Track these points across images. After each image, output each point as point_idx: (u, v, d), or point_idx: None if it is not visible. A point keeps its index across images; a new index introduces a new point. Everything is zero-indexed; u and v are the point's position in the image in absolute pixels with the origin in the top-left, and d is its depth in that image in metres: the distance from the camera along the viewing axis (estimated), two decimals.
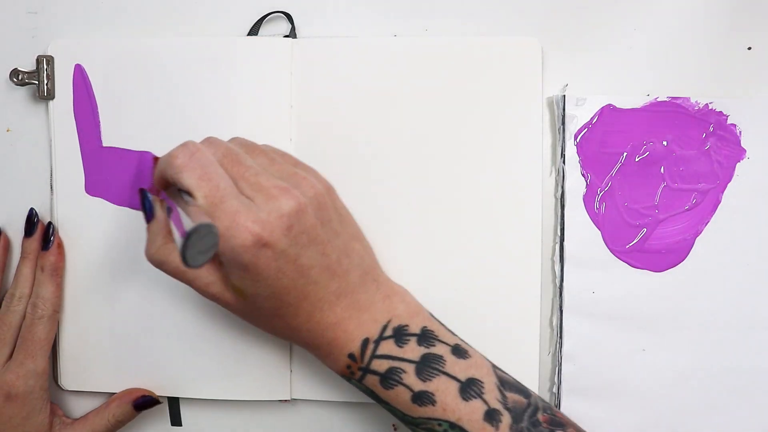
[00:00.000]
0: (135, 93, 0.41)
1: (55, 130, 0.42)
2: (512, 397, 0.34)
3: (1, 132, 0.43)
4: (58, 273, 0.41)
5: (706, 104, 0.40)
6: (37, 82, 0.41)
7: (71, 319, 0.42)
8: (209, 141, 0.34)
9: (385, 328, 0.34)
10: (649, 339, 0.41)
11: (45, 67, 0.41)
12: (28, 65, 0.42)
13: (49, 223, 0.42)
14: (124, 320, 0.42)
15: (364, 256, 0.36)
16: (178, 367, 0.42)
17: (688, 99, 0.40)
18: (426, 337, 0.35)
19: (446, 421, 0.33)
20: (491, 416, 0.33)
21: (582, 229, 0.41)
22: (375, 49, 0.41)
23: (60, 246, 0.42)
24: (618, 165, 0.41)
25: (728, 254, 0.41)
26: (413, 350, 0.34)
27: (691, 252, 0.41)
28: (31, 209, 0.42)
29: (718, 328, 0.41)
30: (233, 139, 0.36)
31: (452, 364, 0.34)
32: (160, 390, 0.42)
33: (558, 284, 0.41)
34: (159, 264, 0.34)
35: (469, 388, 0.34)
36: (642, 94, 0.41)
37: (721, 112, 0.40)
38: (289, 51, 0.41)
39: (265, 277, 0.31)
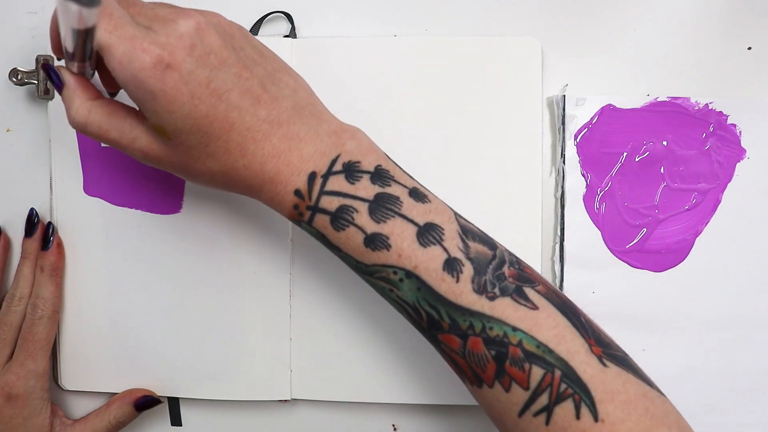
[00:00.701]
0: None
1: (54, 130, 0.42)
2: (475, 246, 0.31)
3: (1, 132, 0.43)
4: (57, 273, 0.41)
5: (706, 104, 0.40)
6: (36, 82, 0.41)
7: (71, 319, 0.42)
8: None
9: (334, 162, 0.31)
10: (649, 339, 0.41)
11: None
12: (27, 65, 0.42)
13: (49, 223, 0.42)
14: (124, 320, 0.42)
15: (297, 89, 0.33)
16: (178, 367, 0.42)
17: (688, 99, 0.40)
18: (380, 175, 0.32)
19: (402, 269, 0.31)
20: (451, 265, 0.30)
21: (582, 229, 0.41)
22: (375, 49, 0.41)
23: (59, 246, 0.42)
24: (618, 165, 0.41)
25: (728, 254, 0.41)
26: (366, 188, 0.31)
27: (691, 252, 0.41)
28: (32, 209, 0.42)
29: (718, 328, 0.41)
30: None
31: (409, 207, 0.31)
32: (160, 390, 0.42)
33: (558, 284, 0.41)
34: (82, 126, 0.32)
35: (428, 233, 0.31)
36: (642, 94, 0.41)
37: (721, 112, 0.40)
38: (289, 51, 0.41)
39: (179, 104, 0.29)
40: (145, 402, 0.41)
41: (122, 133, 0.32)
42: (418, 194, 0.32)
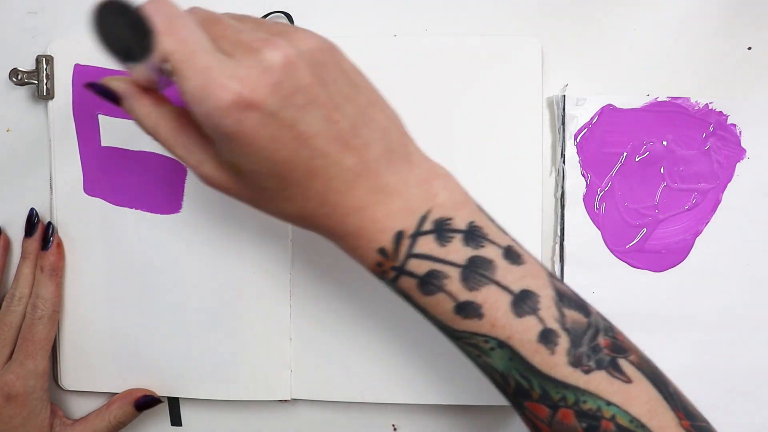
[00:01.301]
0: None
1: (54, 130, 0.42)
2: (571, 315, 0.29)
3: (1, 132, 0.43)
4: (57, 273, 0.41)
5: (706, 104, 0.40)
6: (36, 82, 0.41)
7: (71, 319, 0.42)
8: (190, 9, 0.29)
9: (423, 219, 0.29)
10: (649, 339, 0.41)
11: (45, 66, 0.41)
12: (27, 65, 0.42)
13: (49, 223, 0.42)
14: (124, 320, 0.42)
15: (389, 128, 0.29)
16: (178, 367, 0.42)
17: (688, 99, 0.40)
18: (474, 235, 0.29)
19: (495, 339, 0.29)
20: (547, 337, 0.29)
21: (582, 229, 0.41)
22: (375, 49, 0.41)
23: (59, 246, 0.42)
24: (618, 165, 0.41)
25: (728, 254, 0.41)
26: (458, 251, 0.29)
27: (691, 252, 0.41)
28: (32, 209, 0.42)
29: (718, 328, 0.41)
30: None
31: (504, 272, 0.29)
32: (160, 390, 0.42)
33: None
34: (154, 133, 0.29)
35: (523, 302, 0.29)
36: (642, 94, 0.41)
37: (721, 112, 0.40)
38: None
39: (257, 147, 0.26)
40: (145, 402, 0.41)
41: (189, 153, 0.29)
42: (512, 255, 0.30)
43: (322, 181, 0.28)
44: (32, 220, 0.41)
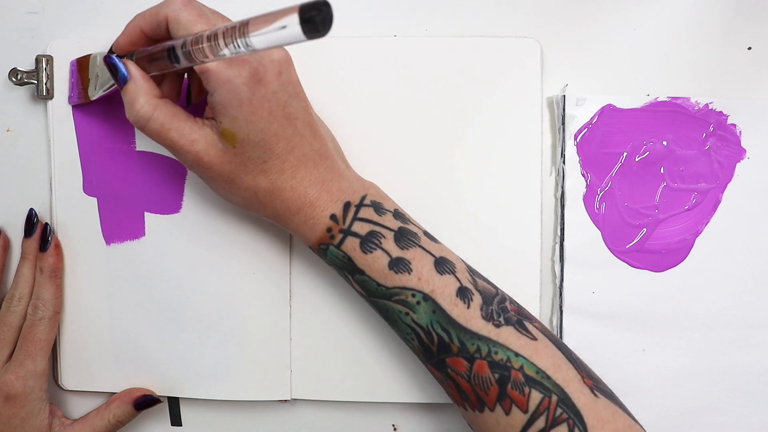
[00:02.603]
0: None
1: (54, 129, 0.42)
2: (482, 283, 0.36)
3: (1, 132, 0.43)
4: (57, 274, 0.41)
5: (706, 104, 0.40)
6: (36, 82, 0.41)
7: (71, 319, 0.42)
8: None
9: (363, 198, 0.36)
10: (649, 339, 0.41)
11: (44, 66, 0.41)
12: (27, 65, 0.41)
13: (46, 224, 0.41)
14: (123, 320, 0.42)
15: (332, 136, 0.38)
16: (178, 367, 0.42)
17: (688, 99, 0.40)
18: (400, 215, 0.36)
19: (420, 292, 0.34)
20: (463, 293, 0.34)
21: (582, 229, 0.41)
22: (375, 49, 0.41)
23: (57, 247, 0.41)
24: (618, 165, 0.41)
25: (728, 254, 0.41)
26: (391, 221, 0.36)
27: (691, 252, 0.41)
28: (31, 209, 0.42)
29: (718, 328, 0.41)
30: None
31: (426, 242, 0.36)
32: (160, 390, 0.42)
33: (558, 284, 0.41)
34: (144, 122, 0.33)
35: (443, 264, 0.35)
36: (642, 94, 0.41)
37: (721, 112, 0.40)
38: (289, 51, 0.41)
39: (258, 116, 0.32)
40: (145, 401, 0.41)
41: (182, 135, 0.33)
42: (430, 236, 0.37)
43: (297, 155, 0.34)
44: (31, 221, 0.41)
